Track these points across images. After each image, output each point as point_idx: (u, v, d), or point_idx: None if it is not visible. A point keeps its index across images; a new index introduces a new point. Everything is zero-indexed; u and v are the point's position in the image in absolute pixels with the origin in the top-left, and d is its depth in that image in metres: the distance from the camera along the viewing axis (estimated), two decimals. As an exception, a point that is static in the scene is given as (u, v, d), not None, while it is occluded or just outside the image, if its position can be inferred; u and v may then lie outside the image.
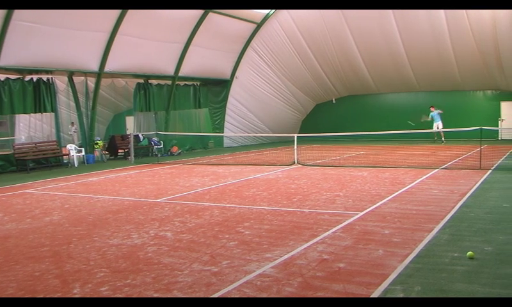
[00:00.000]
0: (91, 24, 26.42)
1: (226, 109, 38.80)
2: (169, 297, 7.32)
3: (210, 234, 10.83)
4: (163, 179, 20.80)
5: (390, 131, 29.05)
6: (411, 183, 17.11)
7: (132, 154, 29.51)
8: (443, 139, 36.07)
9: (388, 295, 7.09)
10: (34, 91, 27.09)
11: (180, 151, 34.50)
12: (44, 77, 27.63)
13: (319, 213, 12.60)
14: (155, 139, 33.71)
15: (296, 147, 24.72)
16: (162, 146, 34.04)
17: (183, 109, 36.50)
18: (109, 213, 13.74)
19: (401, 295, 7.06)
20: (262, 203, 14.34)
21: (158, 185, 19.08)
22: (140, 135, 33.27)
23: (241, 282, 7.79)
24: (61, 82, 30.56)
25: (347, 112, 42.39)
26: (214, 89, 38.42)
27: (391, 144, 35.68)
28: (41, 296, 7.59)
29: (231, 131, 39.16)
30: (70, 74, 29.08)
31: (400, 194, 15.11)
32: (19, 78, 26.81)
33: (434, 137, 36.61)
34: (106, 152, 32.66)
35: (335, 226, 11.09)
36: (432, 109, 35.93)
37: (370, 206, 13.26)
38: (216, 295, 7.29)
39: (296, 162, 24.11)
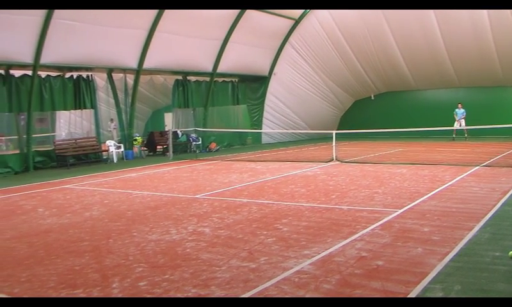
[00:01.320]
0: (129, 22, 26.67)
1: (265, 105, 38.84)
2: (207, 293, 7.34)
3: (248, 230, 10.84)
4: (201, 175, 20.87)
5: (429, 128, 28.82)
6: (451, 180, 16.92)
7: (171, 150, 29.68)
8: (466, 135, 35.83)
9: (427, 294, 7.01)
10: (74, 88, 27.43)
11: (218, 147, 34.59)
12: (84, 74, 27.96)
13: (357, 211, 12.53)
14: (193, 135, 33.85)
15: (334, 144, 24.63)
16: (200, 142, 34.15)
17: (221, 106, 36.60)
18: (147, 208, 13.84)
19: (440, 294, 6.98)
20: (301, 200, 14.30)
21: (196, 181, 19.16)
22: (178, 132, 33.43)
23: (279, 278, 7.77)
24: (100, 79, 30.84)
25: (385, 108, 42.11)
26: (252, 85, 38.46)
27: (430, 141, 35.35)
28: (81, 290, 7.66)
29: (269, 127, 39.16)
30: (109, 71, 29.39)
31: (439, 191, 14.95)
32: (59, 75, 27.14)
33: (465, 135, 36.26)
34: (145, 148, 32.90)
35: (373, 224, 11.02)
36: (460, 106, 35.69)
37: (409, 204, 13.13)
38: (253, 291, 7.29)
39: (334, 158, 24.02)
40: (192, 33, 30.35)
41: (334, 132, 25.29)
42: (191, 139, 33.72)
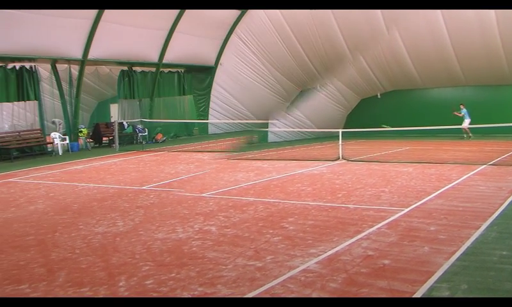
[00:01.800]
0: (74, 11, 26.48)
1: (211, 95, 39.35)
2: (213, 293, 7.35)
3: (255, 229, 10.85)
4: (148, 166, 21.12)
5: (435, 126, 28.78)
6: (457, 179, 16.90)
7: (117, 142, 29.98)
8: (470, 134, 35.83)
9: (434, 293, 7.02)
10: (17, 79, 27.45)
11: (164, 138, 34.96)
12: (27, 65, 27.95)
13: (363, 209, 12.54)
14: (139, 126, 34.14)
15: (340, 142, 24.61)
16: (146, 133, 34.54)
17: (167, 96, 37.05)
18: (94, 201, 14.09)
19: (447, 293, 6.99)
20: (307, 199, 14.30)
21: (143, 172, 19.50)
22: (124, 123, 33.75)
23: (285, 277, 7.79)
24: (44, 70, 30.80)
25: (392, 107, 42.02)
26: (198, 76, 38.99)
27: (437, 139, 35.32)
28: (26, 285, 7.71)
29: (215, 118, 39.83)
30: (53, 62, 29.49)
31: (446, 190, 14.94)
32: (1, 66, 27.15)
33: (468, 134, 36.21)
34: (90, 140, 33.01)
35: (379, 222, 11.03)
36: (462, 106, 35.70)
37: (415, 203, 13.14)
38: (259, 290, 7.31)
39: (340, 157, 24.01)
40: (138, 23, 30.50)
41: (340, 130, 25.27)
42: (137, 130, 34.02)
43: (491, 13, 30.81)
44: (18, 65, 27.83)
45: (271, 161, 24.61)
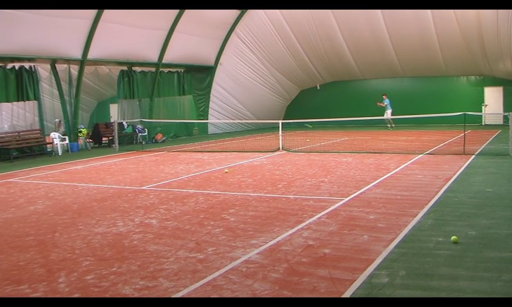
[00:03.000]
0: (73, 11, 26.04)
1: (211, 95, 38.70)
2: (154, 285, 7.33)
3: (196, 221, 10.84)
4: (148, 166, 20.76)
5: (374, 117, 29.18)
6: (395, 168, 17.19)
7: (117, 142, 29.37)
8: (392, 125, 36.53)
9: (374, 280, 7.13)
10: (17, 79, 26.84)
11: (164, 138, 34.40)
12: (26, 65, 27.36)
13: (304, 200, 12.65)
14: (139, 126, 33.59)
15: (280, 133, 24.74)
16: (146, 133, 33.90)
17: (167, 96, 36.34)
18: (93, 201, 13.71)
19: (386, 280, 7.10)
20: (248, 190, 14.35)
21: (142, 172, 19.04)
22: (124, 123, 33.15)
23: (227, 268, 7.81)
24: (43, 70, 30.29)
25: (331, 98, 42.43)
26: (198, 76, 38.30)
27: (375, 129, 35.79)
28: (26, 285, 7.55)
29: (215, 118, 39.11)
30: (53, 62, 28.83)
31: (384, 179, 15.18)
32: (1, 66, 26.50)
33: (390, 125, 36.85)
34: (90, 140, 32.48)
35: (320, 212, 11.14)
36: (384, 96, 36.39)
37: (355, 192, 13.31)
38: (202, 282, 7.30)
39: (280, 148, 24.13)
40: (138, 23, 29.98)
41: (280, 121, 25.41)
42: (136, 130, 33.45)
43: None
44: (17, 65, 27.10)
45: (211, 153, 24.60)
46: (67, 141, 29.10)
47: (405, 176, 15.57)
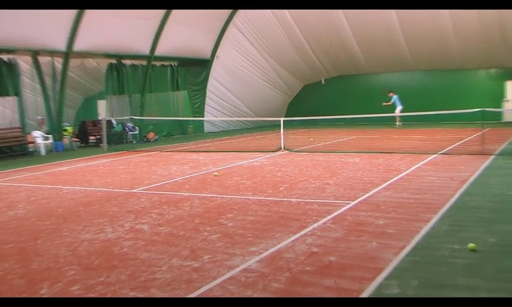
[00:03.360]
0: None
1: (207, 91, 38.64)
2: (146, 296, 7.31)
3: (191, 226, 10.82)
4: (139, 168, 20.75)
5: (383, 114, 29.08)
6: (406, 169, 17.17)
7: (105, 141, 29.29)
8: (399, 123, 36.45)
9: (383, 291, 7.10)
10: None
11: (156, 137, 34.38)
12: (5, 57, 27.16)
13: (307, 203, 12.62)
14: (129, 124, 33.54)
15: (282, 132, 24.72)
16: (137, 132, 33.85)
17: (160, 92, 36.30)
18: (80, 205, 13.68)
19: (397, 291, 7.07)
20: (246, 193, 14.35)
21: (133, 174, 19.03)
22: (113, 121, 33.13)
23: (224, 278, 7.78)
24: (24, 63, 30.21)
25: (337, 93, 42.38)
26: (193, 69, 38.28)
27: (385, 127, 35.75)
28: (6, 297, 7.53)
29: (212, 115, 39.07)
30: (35, 54, 28.64)
31: (395, 181, 15.16)
32: None
33: (398, 123, 36.77)
34: (76, 139, 32.42)
35: (324, 217, 11.12)
36: (391, 94, 36.29)
37: (362, 195, 13.30)
38: (197, 293, 7.27)
39: (282, 147, 24.10)
40: (128, 13, 29.57)
41: (282, 119, 25.37)
42: (126, 128, 33.42)
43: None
44: None
45: (207, 153, 24.59)
46: (51, 140, 29.00)
47: (417, 178, 15.56)
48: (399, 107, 36.11)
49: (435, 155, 20.38)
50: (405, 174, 16.37)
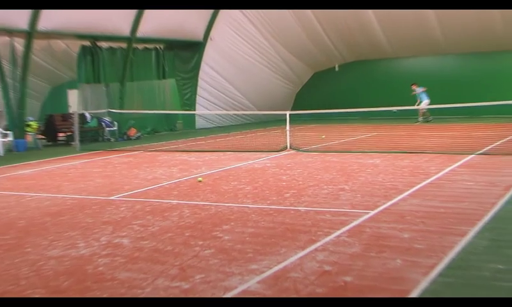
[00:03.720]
0: None
1: (199, 79, 38.65)
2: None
3: (180, 240, 10.82)
4: (118, 170, 20.82)
5: (409, 106, 29.03)
6: (437, 173, 17.16)
7: (77, 139, 29.32)
8: (421, 118, 36.35)
9: (410, 318, 7.08)
10: None
11: (139, 134, 34.43)
12: None
13: (318, 213, 12.62)
14: (106, 119, 33.58)
15: (288, 128, 24.72)
16: (116, 128, 33.92)
17: (143, 80, 36.37)
18: (46, 215, 13.68)
19: (426, 318, 7.05)
20: (246, 200, 14.38)
21: (111, 178, 19.10)
22: (87, 115, 33.17)
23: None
24: None
25: (354, 82, 42.45)
26: (183, 54, 38.36)
27: (411, 122, 35.75)
28: None
29: (204, 108, 39.09)
30: None
31: (423, 187, 15.17)
32: None
33: (425, 117, 36.67)
34: (42, 137, 32.43)
35: (339, 229, 11.09)
36: (414, 87, 36.18)
37: (384, 203, 13.29)
38: (186, 320, 7.27)
39: (288, 147, 24.14)
40: None
41: (288, 112, 25.39)
42: (103, 124, 33.47)
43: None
44: None
45: (199, 153, 24.62)
46: (10, 138, 28.98)
47: (450, 183, 15.57)
48: (426, 101, 36.04)
49: (472, 156, 20.37)
50: (435, 178, 16.37)
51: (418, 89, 36.51)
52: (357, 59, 42.42)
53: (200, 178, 17.76)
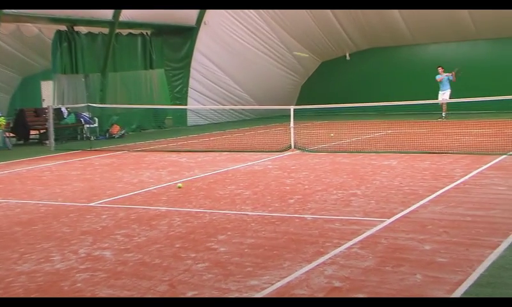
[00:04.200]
0: None
1: (191, 69, 38.64)
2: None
3: (169, 252, 10.83)
4: (99, 173, 20.88)
5: (431, 100, 29.01)
6: (463, 176, 17.19)
7: (52, 137, 29.32)
8: (443, 114, 36.17)
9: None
10: None
11: (123, 132, 34.42)
12: None
13: (326, 221, 12.64)
14: (86, 114, 33.57)
15: (292, 124, 24.75)
16: (96, 124, 33.89)
17: (127, 71, 36.36)
18: (16, 225, 13.69)
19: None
20: (245, 207, 14.41)
21: (91, 182, 19.14)
22: (63, 109, 33.15)
23: (214, 323, 7.78)
24: None
25: (367, 73, 42.48)
26: (173, 40, 38.35)
27: (433, 118, 35.75)
28: None
29: (198, 102, 39.08)
30: None
31: (447, 192, 15.17)
32: None
33: (444, 113, 36.48)
34: (11, 134, 32.42)
35: (350, 240, 11.10)
36: (440, 69, 35.83)
37: (401, 211, 13.29)
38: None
39: (292, 146, 24.16)
40: None
41: (292, 107, 25.45)
42: (82, 120, 33.46)
43: None
44: None
45: (192, 153, 24.65)
46: (-25, 137, 29.03)
47: (478, 188, 15.57)
48: (447, 91, 35.82)
49: (504, 157, 20.41)
50: (461, 182, 16.39)
51: (445, 74, 36.01)
52: (371, 47, 42.46)
53: (179, 184, 17.69)
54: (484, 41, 39.47)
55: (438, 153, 21.82)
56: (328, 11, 38.52)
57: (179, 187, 17.33)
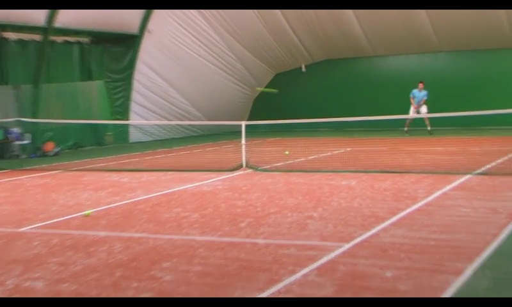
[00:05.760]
0: None
1: (133, 81, 38.57)
2: None
3: (108, 282, 10.74)
4: (31, 195, 20.74)
5: (393, 115, 29.16)
6: (426, 197, 17.28)
7: (-24, 155, 29.23)
8: (429, 128, 36.52)
9: None
10: None
11: (58, 149, 34.23)
12: None
13: (280, 246, 12.62)
14: (15, 130, 33.37)
15: (244, 142, 24.77)
16: (28, 141, 33.69)
17: (63, 82, 36.18)
18: None
19: None
20: (192, 231, 14.36)
21: (22, 204, 18.99)
22: (-10, 124, 33.00)
23: None
24: None
25: (324, 86, 42.66)
26: (114, 49, 38.28)
27: (394, 136, 35.95)
28: None
29: (141, 117, 39.01)
30: None
31: (409, 214, 15.25)
32: None
33: (428, 127, 36.81)
34: None
35: (306, 266, 11.07)
36: (421, 85, 36.18)
37: (361, 234, 13.30)
38: None
39: (244, 165, 24.18)
40: None
41: (244, 123, 25.44)
42: (11, 136, 33.24)
43: None
44: None
45: (134, 172, 24.58)
46: None
47: (442, 209, 15.65)
48: (422, 107, 36.12)
49: (469, 176, 20.57)
50: (423, 203, 16.47)
51: (423, 91, 36.27)
52: (329, 58, 42.64)
53: (88, 211, 17.16)
54: (446, 54, 39.75)
55: (400, 172, 21.92)
56: (281, 17, 38.66)
57: (87, 215, 16.96)
